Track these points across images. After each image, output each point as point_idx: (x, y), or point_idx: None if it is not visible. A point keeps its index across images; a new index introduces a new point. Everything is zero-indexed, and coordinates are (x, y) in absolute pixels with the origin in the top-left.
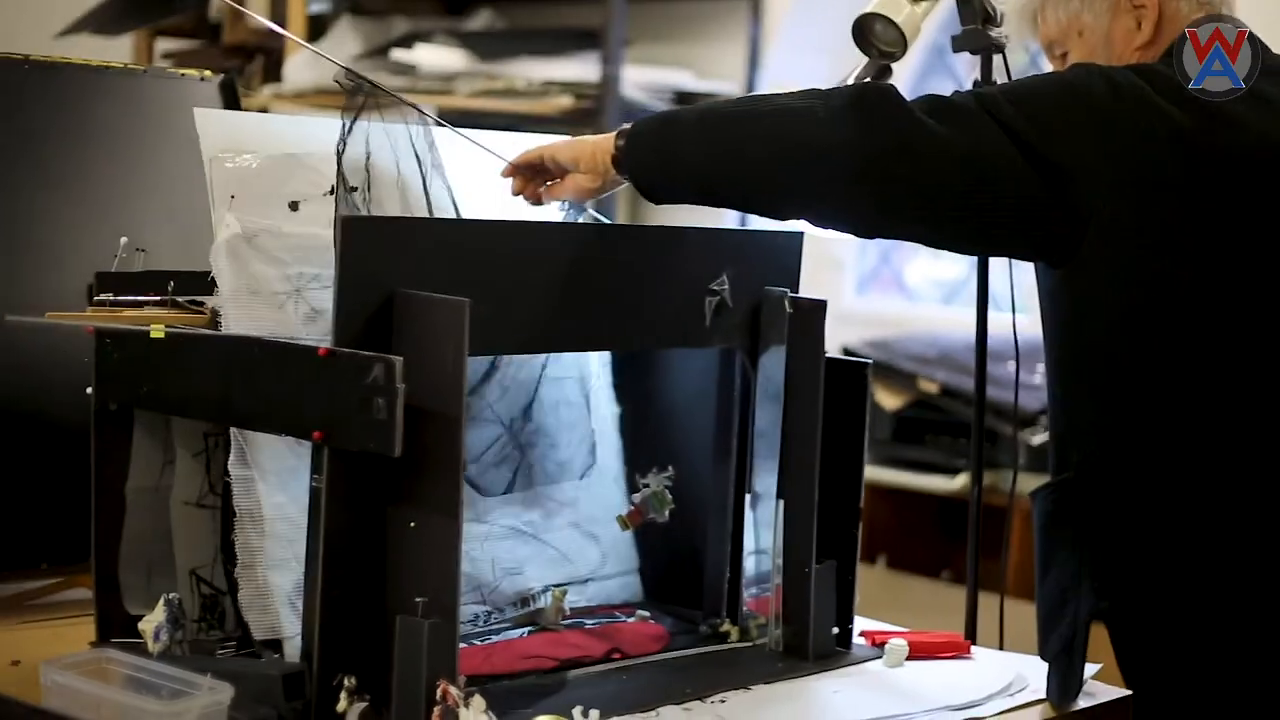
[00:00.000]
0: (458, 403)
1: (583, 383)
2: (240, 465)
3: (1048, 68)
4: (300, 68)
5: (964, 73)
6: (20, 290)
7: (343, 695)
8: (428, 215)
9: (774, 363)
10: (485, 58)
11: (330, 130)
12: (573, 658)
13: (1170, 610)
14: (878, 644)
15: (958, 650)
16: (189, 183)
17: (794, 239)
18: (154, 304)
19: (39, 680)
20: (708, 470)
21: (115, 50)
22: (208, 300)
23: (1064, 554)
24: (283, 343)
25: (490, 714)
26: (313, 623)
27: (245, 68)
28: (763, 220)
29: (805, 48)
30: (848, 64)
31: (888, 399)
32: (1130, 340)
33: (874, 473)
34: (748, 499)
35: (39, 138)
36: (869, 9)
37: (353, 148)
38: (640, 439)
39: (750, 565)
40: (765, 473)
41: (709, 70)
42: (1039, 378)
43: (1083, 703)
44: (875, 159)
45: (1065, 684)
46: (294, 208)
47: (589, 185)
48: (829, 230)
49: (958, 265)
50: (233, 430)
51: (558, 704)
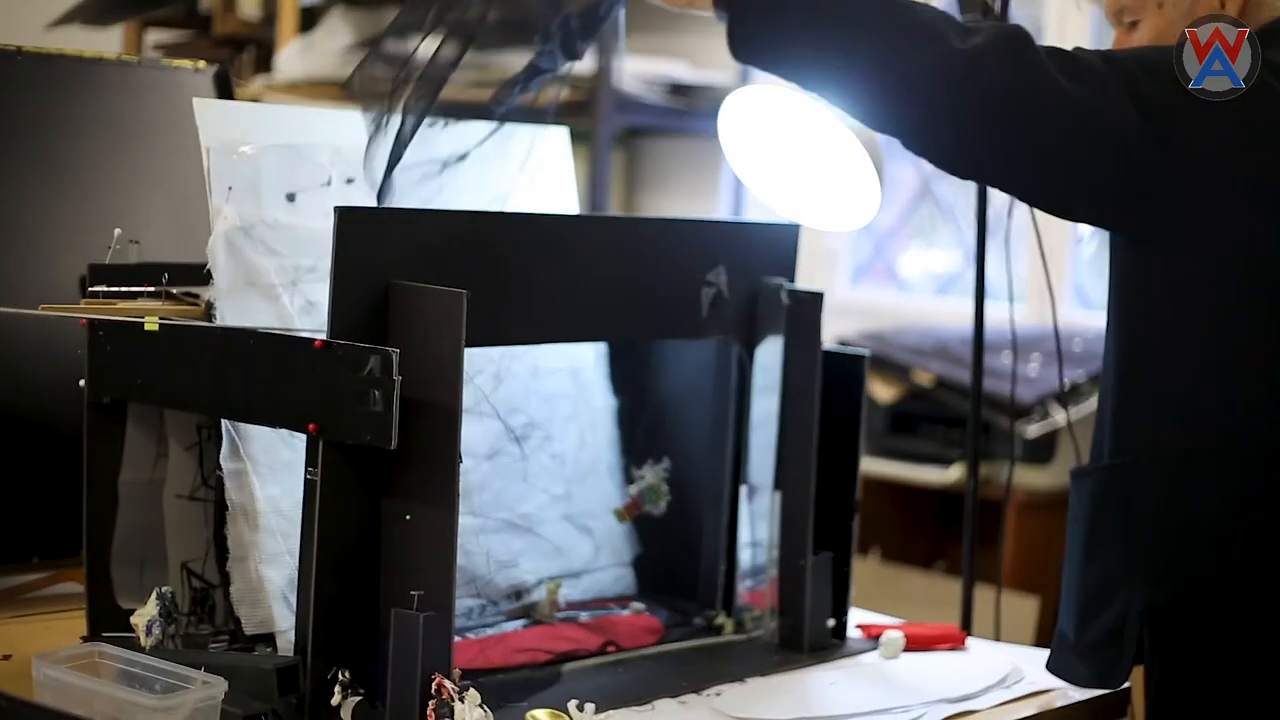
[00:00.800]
0: (454, 395)
1: (577, 374)
2: (233, 458)
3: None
4: (292, 59)
5: None
6: (13, 282)
7: (337, 689)
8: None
9: (770, 354)
10: (479, 48)
11: (329, 121)
12: (567, 651)
13: (1244, 610)
14: (873, 636)
15: (953, 642)
16: (183, 174)
17: (790, 230)
18: (148, 296)
19: (30, 675)
20: (704, 462)
21: (105, 42)
22: (202, 292)
23: (1113, 542)
24: (277, 335)
25: (485, 708)
26: (307, 616)
27: (236, 59)
28: (758, 211)
29: None
30: None
31: (882, 391)
32: (1233, 321)
33: (869, 464)
34: (743, 491)
35: (32, 129)
36: None
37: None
38: (636, 430)
39: (746, 557)
40: (761, 464)
41: (704, 61)
42: (1033, 368)
43: (1074, 695)
44: (1001, 97)
45: (1107, 673)
46: (291, 199)
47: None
48: (911, 153)
49: (952, 256)
50: (224, 423)
51: (553, 697)
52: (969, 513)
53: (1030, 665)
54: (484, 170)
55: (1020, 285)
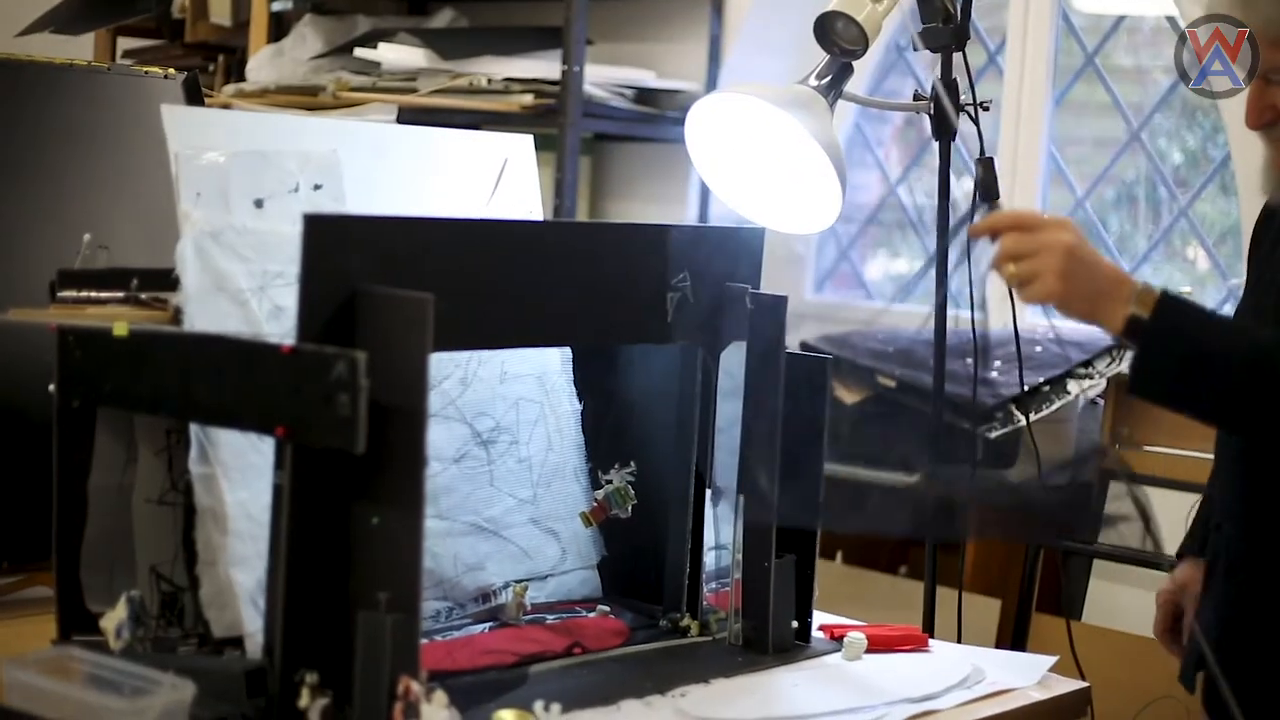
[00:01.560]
0: (421, 399)
1: (543, 378)
2: (201, 463)
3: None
4: (263, 66)
5: (924, 72)
6: None
7: (304, 691)
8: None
9: (735, 358)
10: (447, 56)
11: (297, 128)
12: (534, 653)
13: None
14: (836, 637)
15: (916, 643)
16: (153, 180)
17: (755, 235)
18: (117, 301)
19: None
20: (668, 466)
21: (77, 49)
22: (171, 297)
23: None
24: (245, 340)
25: (452, 709)
26: (275, 619)
27: (207, 66)
28: (721, 215)
29: (766, 46)
30: (809, 63)
31: (846, 394)
32: None
33: (832, 468)
34: (708, 494)
35: (1, 135)
36: (831, 7)
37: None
38: (601, 435)
39: (710, 560)
40: (726, 468)
41: (670, 69)
42: (995, 373)
43: (1035, 695)
44: None
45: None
46: (259, 205)
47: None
48: None
49: (915, 262)
50: (193, 427)
51: (519, 698)
52: (930, 515)
53: (991, 666)
54: (451, 177)
55: (981, 292)
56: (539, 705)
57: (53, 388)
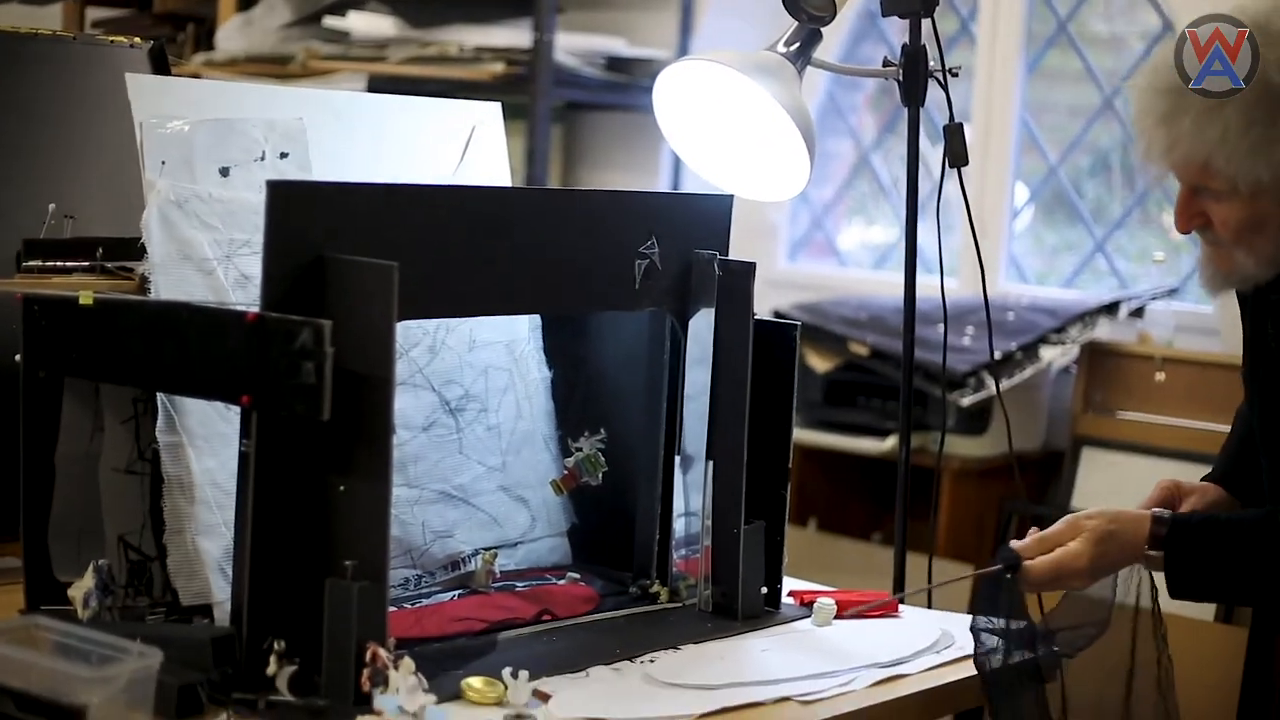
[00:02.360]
0: (387, 366)
1: (512, 346)
2: (168, 431)
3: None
4: (232, 35)
5: (896, 39)
6: None
7: (272, 659)
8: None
9: (703, 325)
10: (417, 24)
11: (262, 96)
12: (503, 620)
13: None
14: (806, 603)
15: (886, 609)
16: (119, 149)
17: (723, 202)
18: (83, 270)
19: None
20: (638, 433)
21: (45, 18)
22: (136, 266)
23: None
24: (210, 308)
25: (420, 676)
26: (242, 587)
27: (176, 35)
28: (694, 183)
29: (736, 13)
30: (781, 29)
31: (818, 362)
32: None
33: (805, 435)
34: (677, 461)
35: None
36: None
37: (284, 113)
38: (571, 402)
39: (680, 527)
40: (695, 435)
41: (641, 37)
42: (968, 339)
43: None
44: None
45: None
46: (225, 173)
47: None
48: None
49: (890, 230)
50: (160, 396)
51: (488, 665)
52: (901, 481)
53: (961, 631)
54: (419, 145)
55: (955, 258)
56: (507, 672)
57: (19, 357)
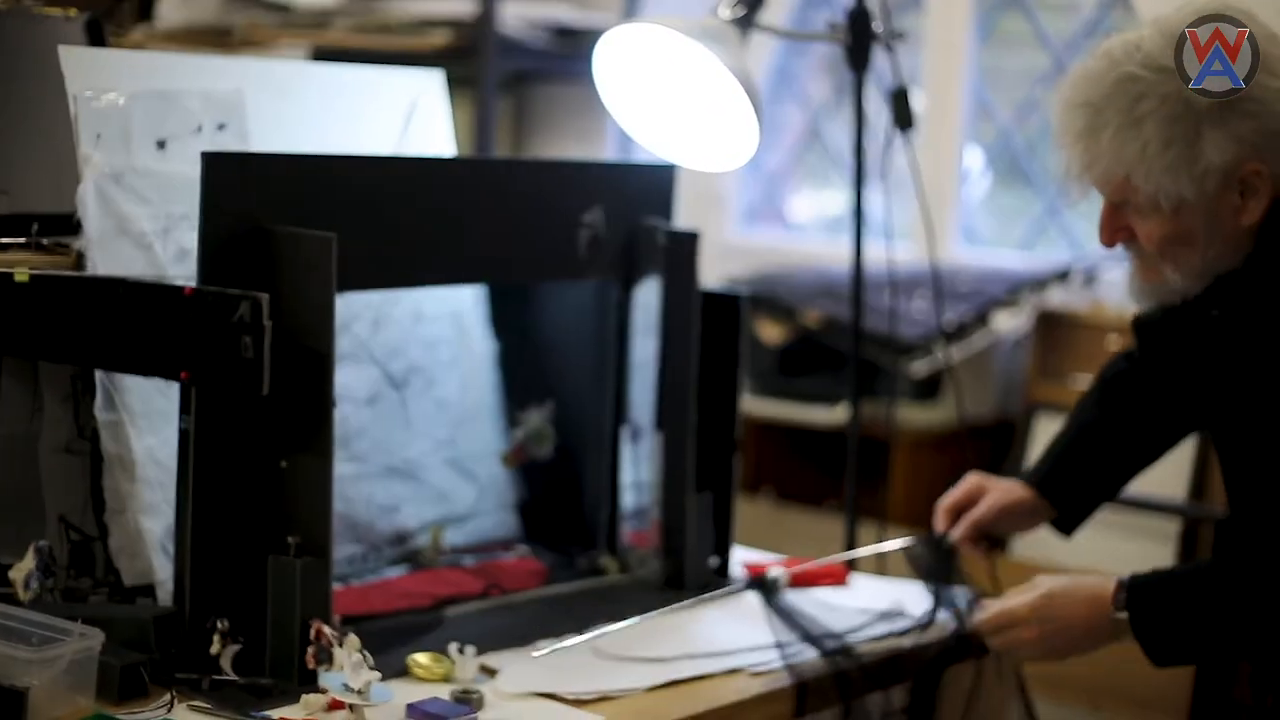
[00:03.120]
0: (327, 340)
1: (457, 318)
2: (108, 409)
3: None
4: (173, 7)
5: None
6: None
7: (216, 638)
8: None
9: (649, 295)
10: None
11: (199, 68)
12: (450, 595)
13: None
14: (756, 574)
15: (835, 578)
16: (54, 123)
17: (667, 170)
18: (18, 247)
19: None
20: (586, 404)
21: None
22: (73, 242)
23: None
24: (147, 283)
25: (365, 652)
26: (184, 565)
27: (117, 7)
28: (641, 153)
29: None
30: None
31: (770, 332)
32: None
33: (758, 405)
34: (625, 432)
35: None
36: None
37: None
38: (518, 374)
39: (629, 499)
40: (642, 405)
41: (588, 4)
42: (920, 308)
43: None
44: None
45: None
46: (162, 146)
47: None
48: None
49: (840, 198)
50: (98, 374)
51: (435, 641)
52: (851, 451)
53: (910, 599)
54: (361, 115)
55: (908, 224)
56: (453, 647)
57: None
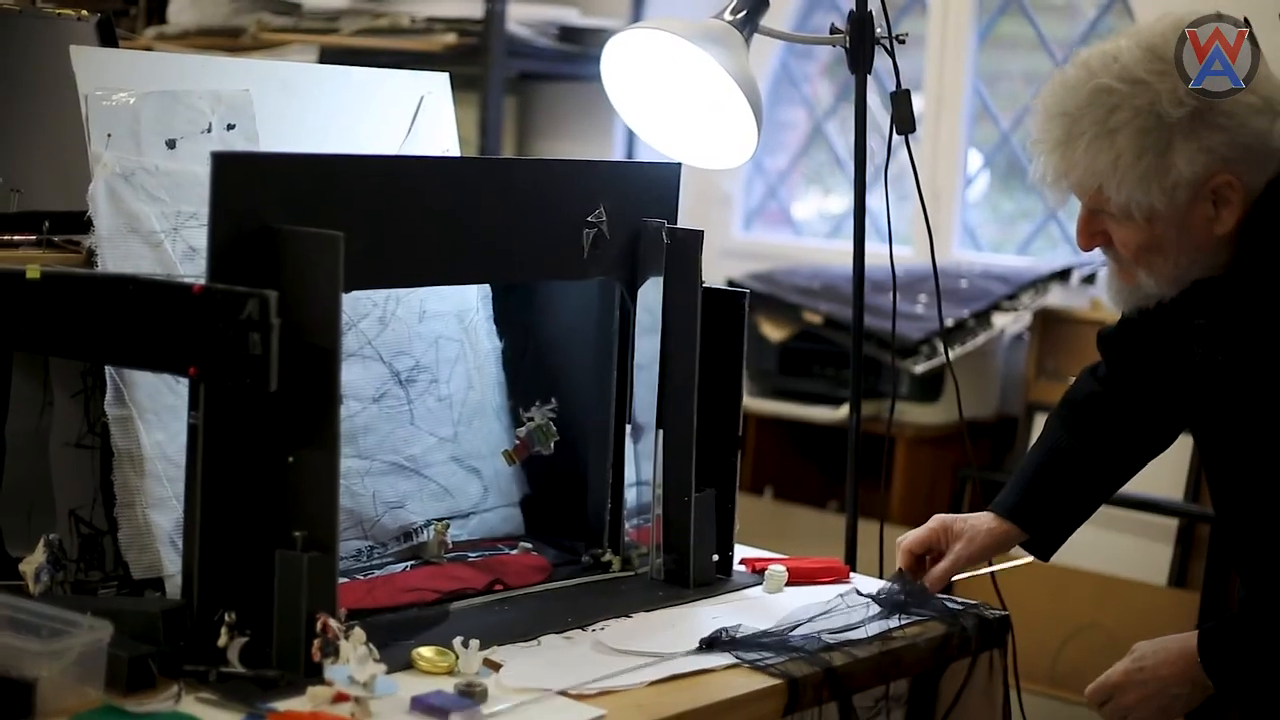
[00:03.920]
0: (333, 337)
1: (462, 317)
2: (117, 405)
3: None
4: (184, 8)
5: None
6: None
7: (223, 631)
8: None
9: (652, 293)
10: None
11: (208, 68)
12: (455, 590)
13: None
14: (758, 571)
15: (837, 575)
16: (66, 123)
17: (671, 170)
18: (29, 244)
19: None
20: (589, 402)
21: None
22: (84, 240)
23: None
24: (157, 280)
25: (370, 646)
26: (192, 559)
27: (129, 9)
28: (646, 152)
29: None
30: None
31: (773, 331)
32: None
33: (760, 404)
34: (628, 430)
35: None
36: None
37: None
38: (522, 372)
39: (632, 495)
40: (645, 403)
41: (594, 7)
42: (921, 307)
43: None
44: None
45: None
46: (171, 146)
47: None
48: None
49: (844, 199)
50: (108, 370)
51: (439, 635)
52: (852, 449)
53: (910, 597)
54: (367, 116)
55: (909, 226)
56: (458, 642)
57: None
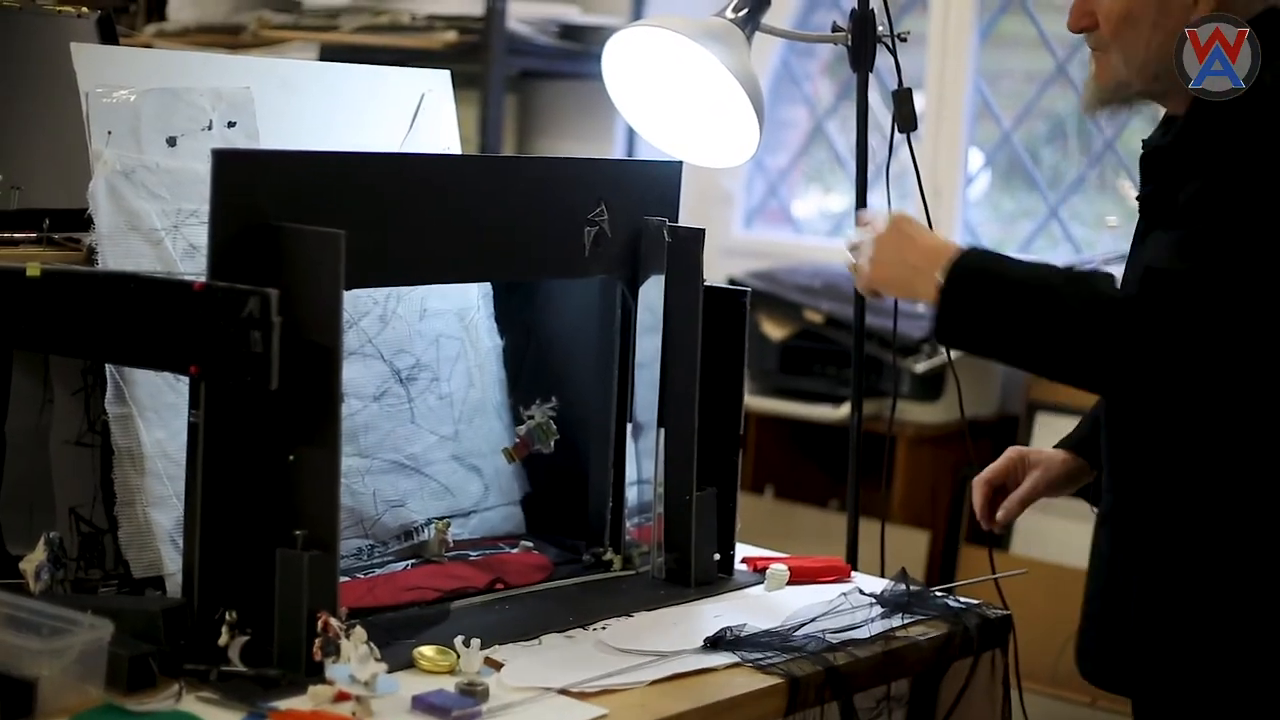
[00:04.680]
0: (334, 335)
1: (463, 315)
2: (118, 403)
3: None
4: (184, 5)
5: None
6: None
7: (224, 629)
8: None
9: (653, 292)
10: None
11: (209, 65)
12: (456, 589)
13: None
14: (759, 569)
15: (838, 574)
16: (66, 120)
17: (672, 168)
18: (29, 242)
19: None
20: (590, 400)
21: None
22: (84, 237)
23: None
24: (158, 278)
25: (372, 645)
26: (192, 557)
27: (129, 6)
28: (647, 150)
29: None
30: None
31: (774, 330)
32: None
33: (761, 403)
34: (629, 428)
35: None
36: None
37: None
38: (523, 370)
39: (633, 494)
40: (647, 402)
41: (594, 4)
42: (922, 306)
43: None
44: (1163, 363)
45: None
46: (172, 143)
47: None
48: None
49: (844, 197)
50: (109, 368)
51: (440, 634)
52: (853, 448)
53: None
54: (367, 113)
55: None
56: (459, 641)
57: None
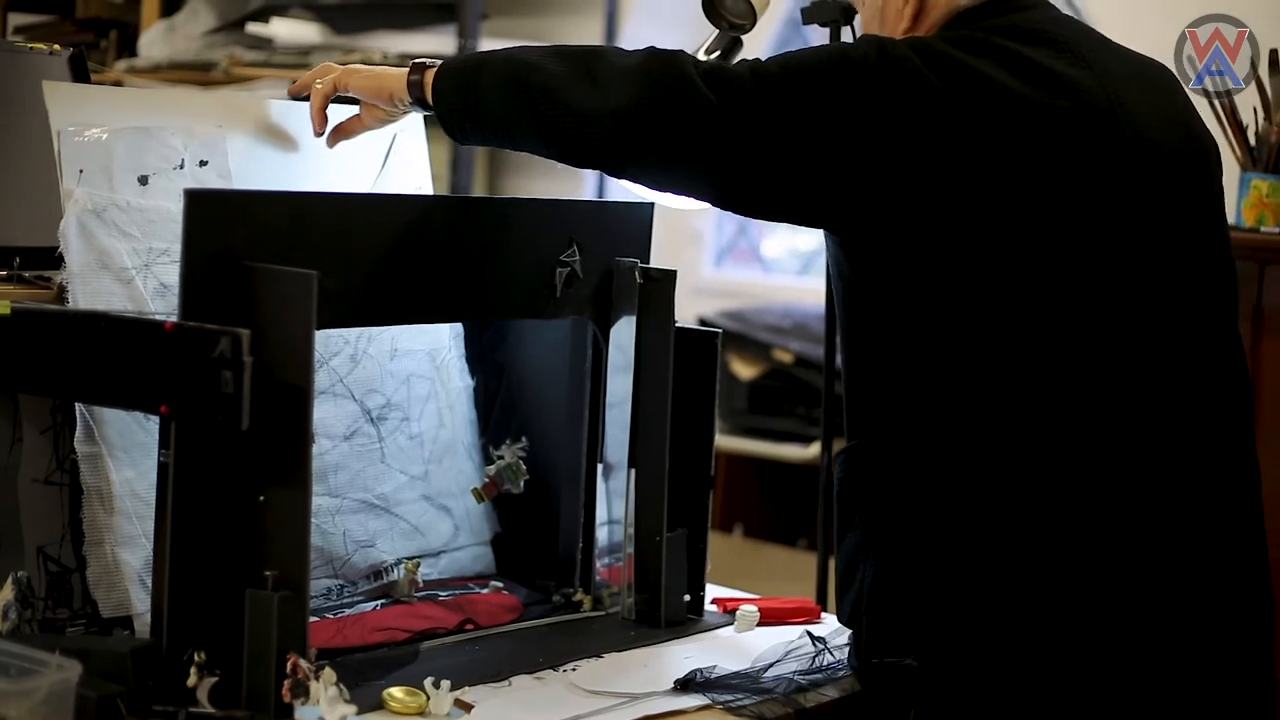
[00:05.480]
0: (306, 375)
1: (434, 355)
2: (87, 442)
3: None
4: (155, 41)
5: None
6: None
7: (193, 670)
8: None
9: (625, 333)
10: (341, 31)
11: (181, 103)
12: (426, 629)
13: (943, 594)
14: (729, 610)
15: (808, 615)
16: (37, 158)
17: (644, 209)
18: (0, 280)
19: None
20: (561, 441)
21: None
22: (55, 275)
23: (855, 521)
24: (128, 317)
25: (341, 686)
26: (162, 598)
27: (99, 42)
28: (618, 191)
29: (660, 20)
30: (701, 36)
31: (744, 369)
32: (909, 315)
33: (731, 443)
34: (600, 469)
35: None
36: None
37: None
38: (493, 410)
39: (603, 535)
40: (617, 442)
41: (567, 38)
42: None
43: None
44: (643, 129)
45: (856, 649)
46: (144, 182)
47: (379, 118)
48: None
49: (814, 237)
50: (79, 407)
51: (410, 675)
52: (822, 487)
53: None
54: (339, 153)
55: None
56: (429, 681)
57: None
